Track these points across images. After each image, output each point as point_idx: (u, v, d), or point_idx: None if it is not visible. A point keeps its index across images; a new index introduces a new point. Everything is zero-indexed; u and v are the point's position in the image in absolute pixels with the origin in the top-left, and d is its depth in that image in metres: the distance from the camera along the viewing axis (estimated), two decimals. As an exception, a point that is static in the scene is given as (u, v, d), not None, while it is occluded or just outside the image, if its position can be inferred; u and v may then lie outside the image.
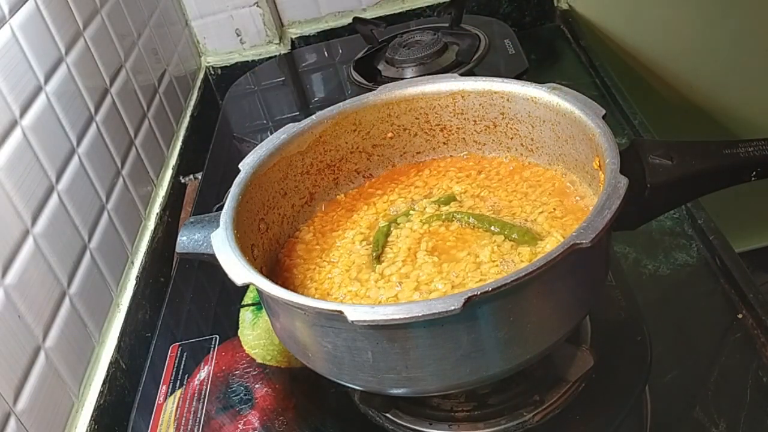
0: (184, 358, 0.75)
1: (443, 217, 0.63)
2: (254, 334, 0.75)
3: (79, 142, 0.80)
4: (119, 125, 0.91)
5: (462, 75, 0.70)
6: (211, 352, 0.75)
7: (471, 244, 0.60)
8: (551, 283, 0.51)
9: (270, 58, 1.26)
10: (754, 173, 0.57)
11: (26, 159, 0.70)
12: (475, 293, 0.46)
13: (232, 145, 1.10)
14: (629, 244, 0.75)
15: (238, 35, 1.25)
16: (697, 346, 0.65)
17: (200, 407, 0.69)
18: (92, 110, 0.85)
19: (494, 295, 0.47)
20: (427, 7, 1.25)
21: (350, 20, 1.18)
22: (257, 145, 0.67)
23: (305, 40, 1.28)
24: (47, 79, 0.77)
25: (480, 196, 0.66)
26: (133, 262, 0.87)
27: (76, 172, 0.78)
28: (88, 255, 0.78)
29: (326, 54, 1.24)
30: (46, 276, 0.70)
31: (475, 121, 0.70)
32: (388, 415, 0.63)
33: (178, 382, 0.72)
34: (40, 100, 0.75)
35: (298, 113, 1.13)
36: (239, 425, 0.66)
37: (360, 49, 1.12)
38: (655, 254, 0.73)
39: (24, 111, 0.72)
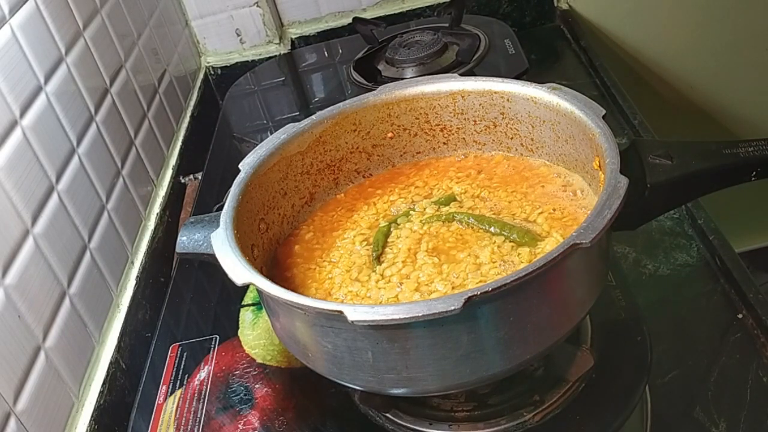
0: (184, 358, 0.75)
1: (443, 217, 0.63)
2: (254, 334, 0.75)
3: (79, 142, 0.80)
4: (119, 125, 0.91)
5: (462, 75, 0.70)
6: (211, 352, 0.75)
7: (471, 244, 0.60)
8: (551, 284, 0.51)
9: (270, 58, 1.26)
10: (754, 173, 0.57)
11: (26, 159, 0.70)
12: (475, 293, 0.46)
13: (232, 145, 1.10)
14: (629, 244, 0.75)
15: (238, 35, 1.25)
16: (697, 346, 0.65)
17: (200, 407, 0.69)
18: (92, 110, 0.85)
19: (494, 296, 0.47)
20: (427, 7, 1.25)
21: (350, 20, 1.18)
22: (257, 145, 0.67)
23: (305, 40, 1.28)
24: (47, 79, 0.77)
25: (480, 196, 0.66)
26: (133, 262, 0.87)
27: (76, 172, 0.78)
28: (88, 255, 0.78)
29: (326, 54, 1.24)
30: (46, 276, 0.70)
31: (475, 121, 0.70)
32: (388, 415, 0.63)
33: (178, 382, 0.72)
34: (40, 100, 0.75)
35: (298, 113, 1.13)
36: (239, 425, 0.66)
37: (360, 49, 1.12)
38: (655, 254, 0.73)
39: (24, 111, 0.72)
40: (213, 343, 0.76)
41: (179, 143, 1.08)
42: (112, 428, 0.73)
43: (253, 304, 0.79)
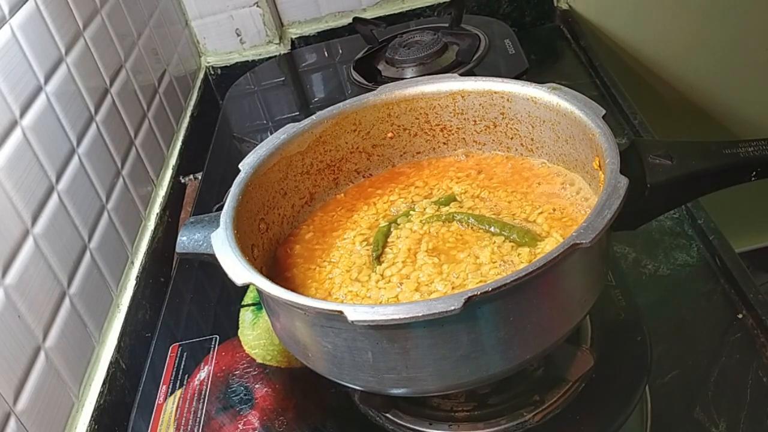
0: (184, 358, 0.75)
1: (443, 217, 0.63)
2: (254, 334, 0.75)
3: (79, 142, 0.80)
4: (119, 125, 0.91)
5: (462, 75, 0.70)
6: (211, 352, 0.75)
7: (471, 245, 0.60)
8: (551, 284, 0.51)
9: (270, 58, 1.26)
10: (754, 173, 0.57)
11: (26, 159, 0.70)
12: (475, 293, 0.46)
13: (232, 145, 1.10)
14: (629, 244, 0.75)
15: (238, 35, 1.25)
16: (697, 346, 0.65)
17: (200, 407, 0.69)
18: (92, 110, 0.85)
19: (494, 296, 0.47)
20: (427, 7, 1.25)
21: (350, 20, 1.18)
22: (257, 145, 0.67)
23: (305, 40, 1.28)
24: (47, 79, 0.77)
25: (480, 196, 0.66)
26: (133, 262, 0.87)
27: (76, 172, 0.78)
28: (88, 255, 0.78)
29: (326, 54, 1.24)
30: (46, 276, 0.70)
31: (475, 121, 0.70)
32: (388, 415, 0.63)
33: (178, 382, 0.72)
34: (40, 100, 0.75)
35: (298, 113, 1.13)
36: (239, 425, 0.66)
37: (360, 49, 1.12)
38: (655, 254, 0.73)
39: (24, 111, 0.72)
40: (213, 343, 0.76)
41: (179, 143, 1.08)
42: (112, 428, 0.73)
43: (253, 304, 0.79)
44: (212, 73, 1.28)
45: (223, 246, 0.56)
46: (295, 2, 1.26)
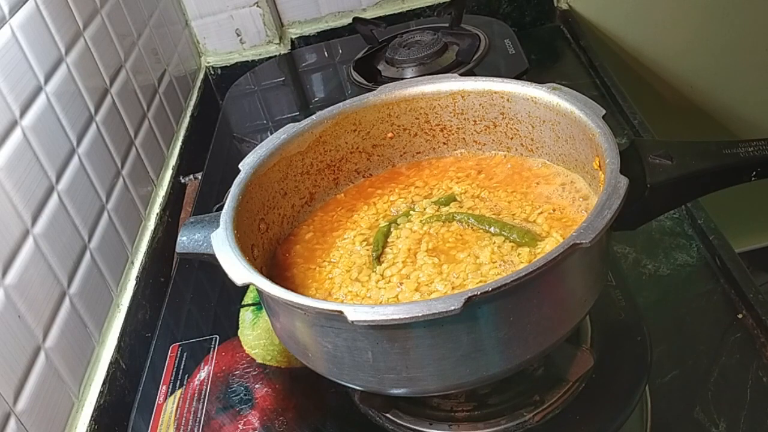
0: (184, 358, 0.75)
1: (443, 217, 0.63)
2: (254, 334, 0.75)
3: (79, 142, 0.80)
4: (119, 125, 0.91)
5: (462, 75, 0.70)
6: (211, 352, 0.75)
7: (471, 245, 0.60)
8: (551, 284, 0.51)
9: (270, 58, 1.26)
10: (754, 173, 0.57)
11: (26, 159, 0.70)
12: (475, 293, 0.46)
13: (232, 145, 1.10)
14: (629, 244, 0.75)
15: (238, 35, 1.25)
16: (697, 346, 0.65)
17: (200, 407, 0.69)
18: (92, 110, 0.85)
19: (494, 296, 0.47)
20: (427, 7, 1.25)
21: (350, 20, 1.18)
22: (257, 145, 0.67)
23: (305, 40, 1.28)
24: (47, 79, 0.77)
25: (480, 196, 0.66)
26: (133, 262, 0.87)
27: (76, 172, 0.78)
28: (88, 255, 0.78)
29: (326, 54, 1.24)
30: (46, 276, 0.70)
31: (475, 121, 0.70)
32: (388, 415, 0.63)
33: (178, 382, 0.72)
34: (40, 100, 0.75)
35: (298, 113, 1.13)
36: (239, 425, 0.66)
37: (360, 49, 1.12)
38: (655, 254, 0.73)
39: (24, 111, 0.72)
40: (213, 343, 0.76)
41: (179, 143, 1.08)
42: (112, 428, 0.73)
43: (253, 304, 0.79)
44: (212, 73, 1.28)
45: (223, 246, 0.56)
46: (295, 2, 1.26)
